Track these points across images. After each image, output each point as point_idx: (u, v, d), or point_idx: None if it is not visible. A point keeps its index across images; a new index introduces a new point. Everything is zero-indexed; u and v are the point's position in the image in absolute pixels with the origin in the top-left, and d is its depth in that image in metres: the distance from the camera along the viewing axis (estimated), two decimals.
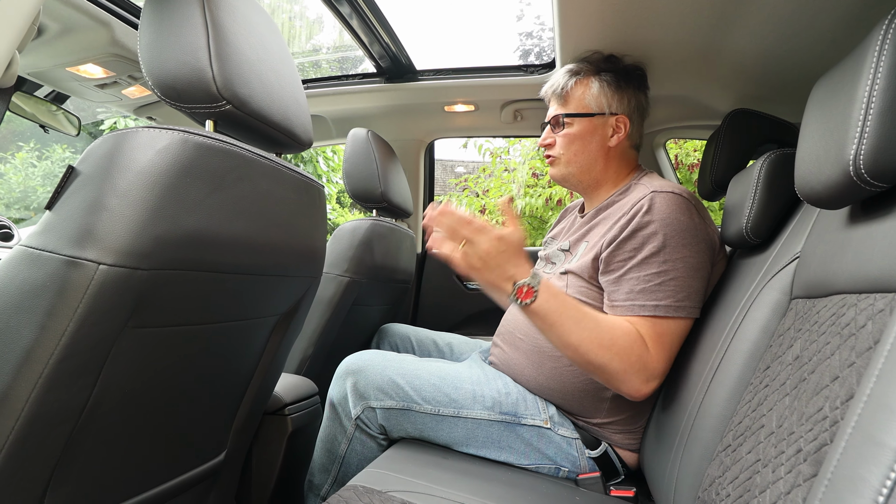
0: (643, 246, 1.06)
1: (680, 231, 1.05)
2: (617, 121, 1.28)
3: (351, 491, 0.88)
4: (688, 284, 1.05)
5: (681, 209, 1.07)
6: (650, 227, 1.07)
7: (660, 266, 1.05)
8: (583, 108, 1.28)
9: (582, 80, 1.29)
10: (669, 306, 1.03)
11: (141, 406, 0.79)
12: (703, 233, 1.08)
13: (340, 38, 7.25)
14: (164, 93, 0.76)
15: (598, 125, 1.27)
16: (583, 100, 1.28)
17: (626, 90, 1.28)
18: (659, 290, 1.04)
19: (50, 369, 0.63)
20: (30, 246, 0.65)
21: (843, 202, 0.61)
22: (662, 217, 1.06)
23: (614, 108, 1.27)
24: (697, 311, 1.07)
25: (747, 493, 0.61)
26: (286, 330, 1.06)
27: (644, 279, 1.05)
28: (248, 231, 0.82)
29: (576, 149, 1.28)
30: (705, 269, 1.08)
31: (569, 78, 1.29)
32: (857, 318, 0.53)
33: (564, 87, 1.29)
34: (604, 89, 1.27)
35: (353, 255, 1.57)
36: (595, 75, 1.28)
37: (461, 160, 13.43)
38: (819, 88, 0.68)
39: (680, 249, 1.05)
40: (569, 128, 1.29)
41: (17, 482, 0.66)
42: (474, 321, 2.33)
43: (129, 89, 1.72)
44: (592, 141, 1.28)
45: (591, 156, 1.28)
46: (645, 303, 1.05)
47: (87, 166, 0.67)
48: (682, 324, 1.05)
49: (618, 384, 1.01)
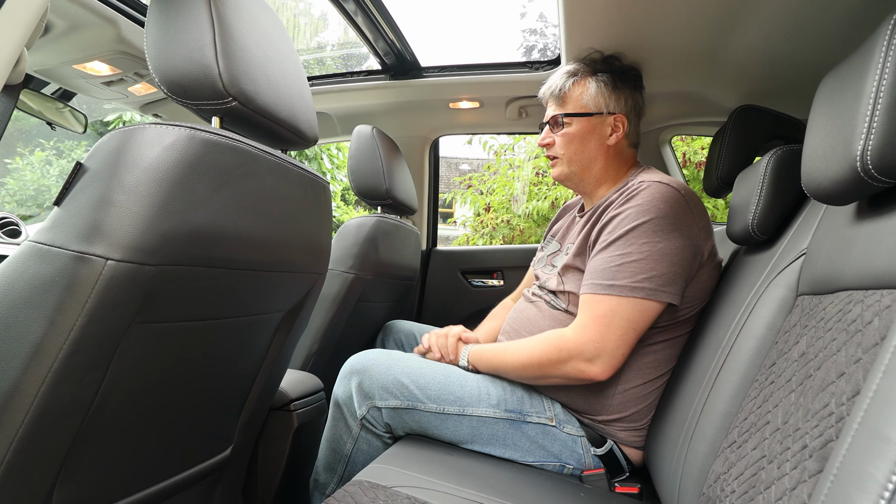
0: (615, 230, 1.10)
1: (655, 217, 1.07)
2: (615, 120, 1.29)
3: (356, 486, 0.88)
4: (650, 267, 1.06)
5: (665, 199, 1.08)
6: (626, 211, 1.10)
7: (624, 248, 1.08)
8: (581, 108, 1.29)
9: (579, 81, 1.30)
10: (623, 286, 1.06)
11: (148, 401, 0.80)
12: (685, 226, 1.08)
13: (346, 34, 7.25)
14: (171, 89, 0.77)
15: (596, 124, 1.29)
16: (580, 100, 1.29)
17: (623, 90, 1.30)
18: (618, 270, 1.07)
19: (59, 363, 0.63)
20: (39, 241, 0.65)
21: (850, 198, 0.61)
22: (641, 203, 1.09)
23: (612, 107, 1.29)
24: (665, 295, 1.06)
25: (752, 490, 0.61)
26: (292, 326, 1.07)
27: (607, 259, 1.09)
28: (254, 227, 0.82)
29: (575, 147, 1.30)
30: (678, 257, 1.07)
31: (566, 79, 1.31)
32: (863, 315, 0.53)
33: (562, 88, 1.31)
34: (601, 89, 1.28)
35: (357, 252, 1.58)
36: (592, 76, 1.30)
37: (466, 157, 13.42)
38: (826, 84, 0.67)
39: (649, 234, 1.07)
40: (567, 127, 1.30)
41: (26, 475, 0.66)
42: (479, 318, 2.32)
43: (135, 86, 1.73)
44: (591, 140, 1.29)
45: (591, 154, 1.30)
46: (601, 282, 1.08)
47: (94, 162, 0.67)
48: (641, 305, 1.06)
49: (565, 372, 1.09)
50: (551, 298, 1.24)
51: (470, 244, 5.67)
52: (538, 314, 1.26)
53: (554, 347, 1.10)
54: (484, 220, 5.48)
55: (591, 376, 1.08)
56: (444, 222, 12.33)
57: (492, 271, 2.35)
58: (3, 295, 0.64)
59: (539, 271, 1.40)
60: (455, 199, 5.87)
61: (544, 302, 1.26)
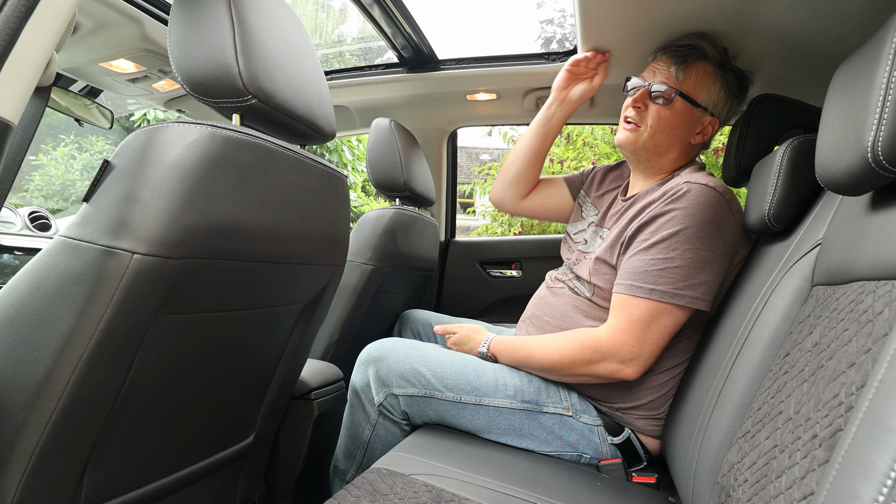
0: (658, 231, 1.07)
1: (699, 223, 1.05)
2: (711, 122, 1.23)
3: (375, 473, 0.91)
4: (692, 275, 1.04)
5: (709, 203, 1.06)
6: (670, 213, 1.07)
7: (667, 252, 1.05)
8: (694, 95, 1.20)
9: (700, 66, 1.19)
10: (665, 292, 1.05)
11: (173, 389, 0.83)
12: (728, 232, 1.07)
13: (364, 28, 7.25)
14: (193, 88, 0.79)
15: (695, 117, 1.21)
16: (699, 86, 1.19)
17: (731, 97, 1.23)
18: (661, 275, 1.05)
19: (89, 353, 0.66)
20: (69, 236, 0.68)
21: (863, 189, 0.60)
22: (685, 206, 1.06)
23: (718, 110, 1.22)
24: (703, 303, 1.06)
25: (764, 479, 0.61)
26: (311, 317, 1.09)
27: (649, 262, 1.07)
28: (274, 221, 0.84)
29: (663, 128, 1.21)
30: (718, 265, 1.07)
31: (685, 56, 1.19)
32: (874, 305, 0.53)
33: (688, 59, 1.19)
34: (721, 90, 1.20)
35: (376, 244, 1.60)
36: (719, 67, 1.20)
37: (486, 147, 13.40)
38: (839, 75, 0.67)
39: (693, 241, 1.05)
40: (669, 105, 1.20)
41: (59, 460, 0.69)
42: (497, 308, 2.34)
43: (159, 83, 1.76)
44: (680, 129, 1.21)
45: (672, 143, 1.23)
46: (642, 284, 1.06)
47: (121, 160, 0.70)
48: (678, 311, 1.06)
49: (597, 372, 1.10)
50: (575, 284, 1.24)
51: (489, 234, 5.67)
52: (559, 301, 1.26)
53: (588, 348, 1.09)
54: None
55: (623, 377, 1.09)
56: (464, 212, 12.31)
57: (510, 262, 2.35)
58: (36, 287, 0.67)
59: (571, 244, 1.39)
60: (475, 189, 5.85)
61: (567, 288, 1.26)
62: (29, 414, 0.66)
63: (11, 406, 0.66)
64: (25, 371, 0.66)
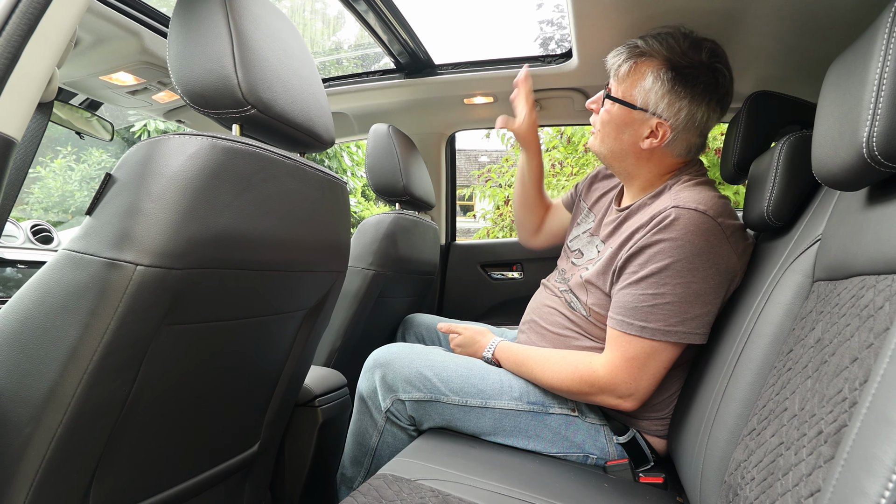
0: (647, 263, 1.03)
1: (689, 255, 1.00)
2: (658, 125, 1.12)
3: (381, 479, 0.91)
4: (684, 310, 1.01)
5: (699, 231, 1.00)
6: (659, 245, 1.02)
7: (657, 288, 1.01)
8: (628, 97, 1.14)
9: (641, 65, 1.12)
10: (657, 330, 1.02)
11: (178, 399, 0.83)
12: (722, 258, 1.01)
13: (361, 35, 7.28)
14: (193, 100, 0.80)
15: (635, 119, 1.14)
16: (632, 87, 1.13)
17: (683, 97, 1.09)
18: (651, 312, 1.02)
19: (94, 365, 0.67)
20: (72, 250, 0.68)
21: (860, 184, 0.61)
22: (674, 237, 1.00)
23: (660, 110, 1.11)
24: (696, 337, 1.03)
25: (771, 476, 0.62)
26: (314, 323, 1.09)
27: (639, 297, 1.03)
28: (276, 229, 0.85)
29: (608, 132, 1.18)
30: (712, 296, 1.02)
31: (629, 57, 1.13)
32: (875, 300, 0.53)
33: (621, 65, 1.14)
34: (655, 86, 1.10)
35: (377, 249, 1.60)
36: (657, 64, 1.10)
37: (485, 150, 13.41)
38: (833, 71, 0.67)
39: (684, 275, 1.00)
40: (610, 108, 1.17)
41: (66, 472, 0.70)
42: (499, 311, 2.34)
43: (158, 94, 1.77)
44: (624, 133, 1.16)
45: (622, 147, 1.18)
46: (633, 321, 1.03)
47: (122, 173, 0.70)
48: (672, 347, 1.04)
49: (595, 401, 1.11)
50: (570, 298, 1.22)
51: (490, 237, 5.67)
52: (557, 314, 1.25)
53: (586, 383, 1.08)
54: (503, 213, 5.47)
55: (622, 409, 1.09)
56: (464, 215, 12.31)
57: (511, 264, 2.35)
58: (41, 301, 0.68)
59: (567, 252, 1.37)
60: (475, 192, 5.86)
61: (563, 301, 1.25)
62: (35, 427, 0.66)
63: (18, 420, 0.66)
64: (31, 385, 0.66)
